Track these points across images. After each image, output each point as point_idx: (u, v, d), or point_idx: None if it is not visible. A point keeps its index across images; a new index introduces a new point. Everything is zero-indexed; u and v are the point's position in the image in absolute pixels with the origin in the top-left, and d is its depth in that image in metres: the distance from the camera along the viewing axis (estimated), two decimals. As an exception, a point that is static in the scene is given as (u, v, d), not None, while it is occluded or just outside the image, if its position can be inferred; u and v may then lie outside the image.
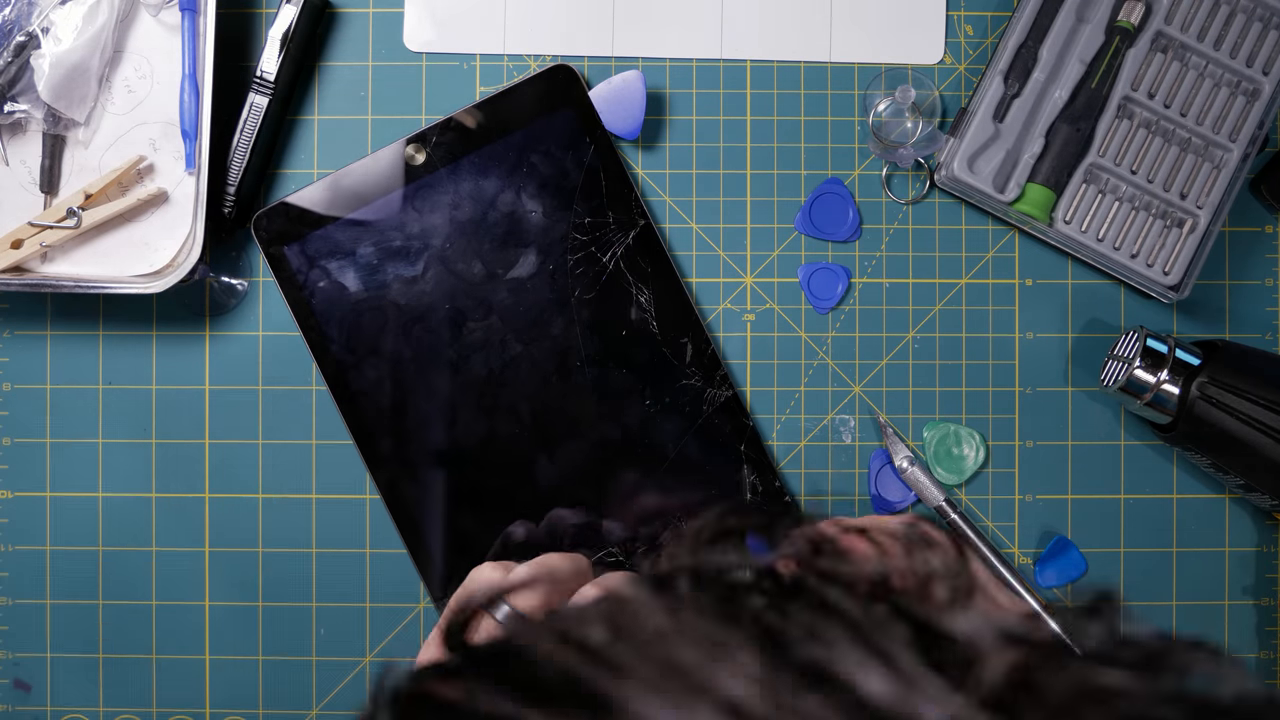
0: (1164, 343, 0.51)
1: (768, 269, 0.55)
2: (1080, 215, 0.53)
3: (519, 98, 0.53)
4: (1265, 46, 0.52)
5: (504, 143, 0.52)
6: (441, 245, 0.52)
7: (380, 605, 0.54)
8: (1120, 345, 0.52)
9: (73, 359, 0.54)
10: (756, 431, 0.53)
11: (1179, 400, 0.50)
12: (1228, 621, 0.54)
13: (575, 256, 0.52)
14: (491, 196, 0.52)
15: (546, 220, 0.53)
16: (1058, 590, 0.54)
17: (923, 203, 0.55)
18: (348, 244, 0.52)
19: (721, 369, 0.53)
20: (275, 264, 0.52)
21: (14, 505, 0.54)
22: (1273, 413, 0.49)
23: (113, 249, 0.53)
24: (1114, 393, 0.51)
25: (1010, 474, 0.55)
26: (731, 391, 0.53)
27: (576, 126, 0.53)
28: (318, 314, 0.52)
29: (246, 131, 0.52)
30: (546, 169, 0.53)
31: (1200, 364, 0.50)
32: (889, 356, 0.55)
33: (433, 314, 0.52)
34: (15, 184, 0.53)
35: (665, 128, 0.55)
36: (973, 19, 0.55)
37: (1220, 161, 0.52)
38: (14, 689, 0.54)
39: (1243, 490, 0.52)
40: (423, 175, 0.52)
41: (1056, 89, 0.52)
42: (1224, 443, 0.50)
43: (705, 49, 0.55)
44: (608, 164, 0.53)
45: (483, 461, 0.52)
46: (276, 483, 0.54)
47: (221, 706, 0.54)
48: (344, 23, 0.55)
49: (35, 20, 0.51)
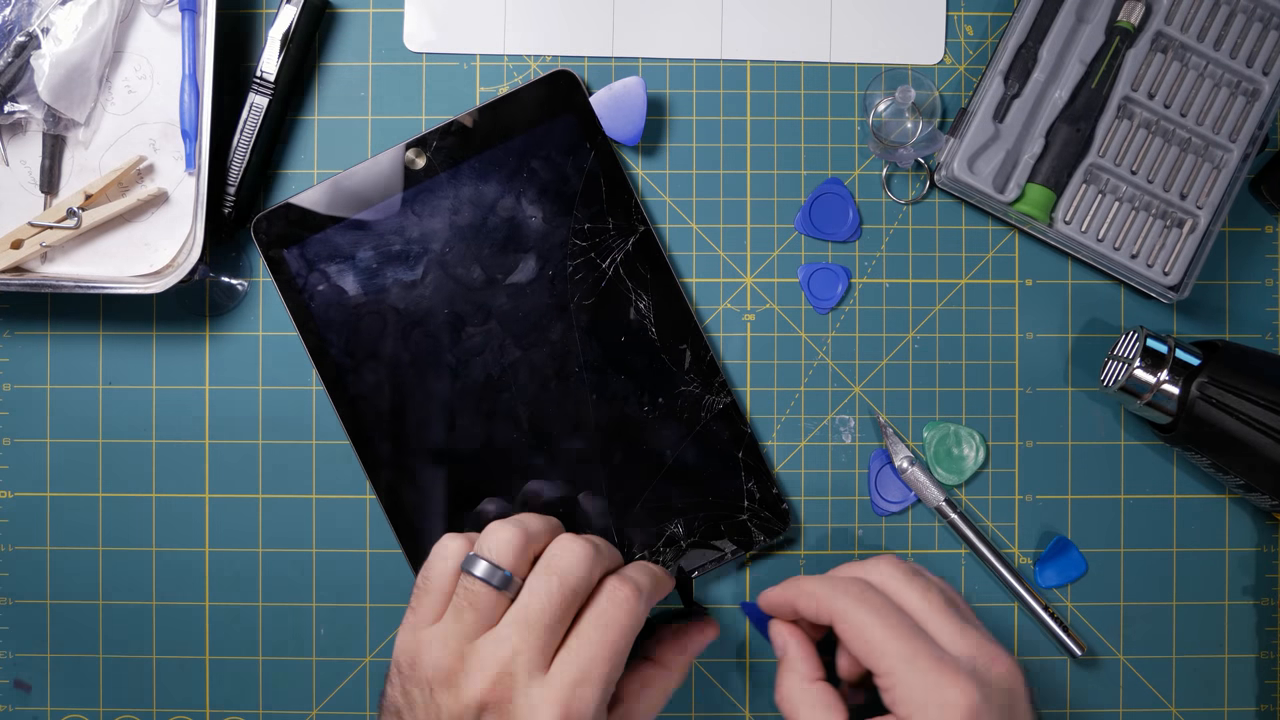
0: (1164, 343, 0.51)
1: (768, 269, 0.55)
2: (1080, 215, 0.53)
3: (520, 103, 0.53)
4: (1265, 46, 0.52)
5: (504, 148, 0.52)
6: (441, 250, 0.52)
7: (380, 605, 0.54)
8: (1120, 345, 0.52)
9: (73, 359, 0.54)
10: (754, 438, 0.53)
11: (1179, 400, 0.50)
12: (1228, 621, 0.54)
13: (575, 262, 0.52)
14: (491, 201, 0.52)
15: (546, 226, 0.52)
16: (1058, 590, 0.54)
17: (923, 203, 0.55)
18: (347, 248, 0.52)
19: (720, 376, 0.53)
20: (275, 267, 0.52)
21: (14, 505, 0.54)
22: (1273, 413, 0.49)
23: (113, 249, 0.53)
24: (1114, 393, 0.51)
25: (1010, 474, 0.55)
26: (730, 398, 0.53)
27: (577, 132, 0.53)
28: (317, 317, 0.52)
29: (246, 132, 0.52)
30: (547, 174, 0.52)
31: (1200, 364, 0.50)
32: (889, 356, 0.55)
33: (432, 318, 0.52)
34: (15, 184, 0.53)
35: (665, 128, 0.55)
36: (973, 19, 0.55)
37: (1220, 161, 0.52)
38: (14, 689, 0.54)
39: (1243, 490, 0.52)
40: (423, 180, 0.52)
41: (1056, 89, 0.52)
42: (1224, 443, 0.50)
43: (705, 49, 0.55)
44: (608, 170, 0.53)
45: (481, 466, 0.52)
46: (276, 483, 0.54)
47: (221, 706, 0.54)
48: (344, 23, 0.55)
49: (35, 20, 0.51)
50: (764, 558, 0.54)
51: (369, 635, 0.54)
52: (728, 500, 0.53)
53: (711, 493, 0.53)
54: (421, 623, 0.44)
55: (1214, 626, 0.54)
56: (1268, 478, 0.50)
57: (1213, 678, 0.54)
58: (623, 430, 0.52)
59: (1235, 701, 0.54)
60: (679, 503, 0.52)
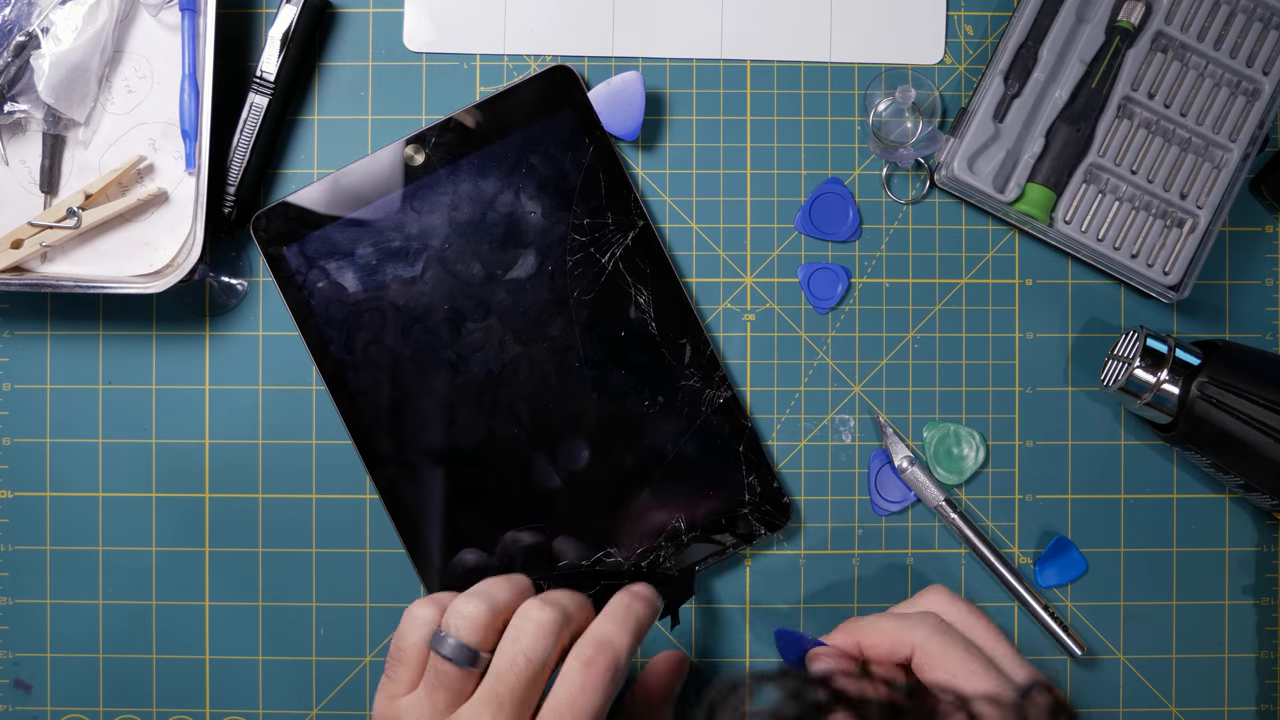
0: (1164, 343, 0.51)
1: (768, 269, 0.55)
2: (1080, 215, 0.53)
3: (518, 98, 0.53)
4: (1265, 46, 0.52)
5: (503, 143, 0.52)
6: (440, 246, 0.52)
7: (380, 605, 0.54)
8: (1120, 345, 0.52)
9: (73, 359, 0.54)
10: (755, 432, 0.53)
11: (1179, 400, 0.50)
12: (1228, 621, 0.54)
13: (574, 257, 0.52)
14: (490, 197, 0.52)
15: (545, 221, 0.53)
16: (1058, 590, 0.54)
17: (923, 203, 0.55)
18: (347, 244, 0.52)
19: (720, 370, 0.53)
20: (274, 264, 0.52)
21: (14, 505, 0.54)
22: (1273, 412, 0.49)
23: (113, 249, 0.53)
24: (1114, 393, 0.51)
25: (1010, 474, 0.55)
26: (730, 393, 0.53)
27: (576, 127, 0.53)
28: (316, 315, 0.52)
29: (246, 131, 0.52)
30: (545, 170, 0.52)
31: (1200, 364, 0.50)
32: (889, 356, 0.55)
33: (431, 315, 0.52)
34: (15, 184, 0.53)
35: (665, 128, 0.55)
36: (973, 19, 0.55)
37: (1220, 161, 0.52)
38: (14, 689, 0.54)
39: (1243, 490, 0.52)
40: (422, 176, 0.52)
41: (1056, 89, 0.52)
42: (1224, 443, 0.50)
43: (705, 49, 0.55)
44: (607, 165, 0.53)
45: (481, 462, 0.52)
46: (276, 483, 0.54)
47: (221, 706, 0.54)
48: (344, 23, 0.55)
49: (35, 20, 0.51)
50: (765, 559, 0.54)
51: (369, 635, 0.54)
52: (729, 494, 0.53)
53: (712, 486, 0.53)
54: (398, 691, 0.45)
55: (1214, 626, 0.54)
56: (1268, 477, 0.50)
57: (1213, 678, 0.54)
58: (623, 425, 0.52)
59: (1235, 701, 0.54)
60: (680, 497, 0.52)
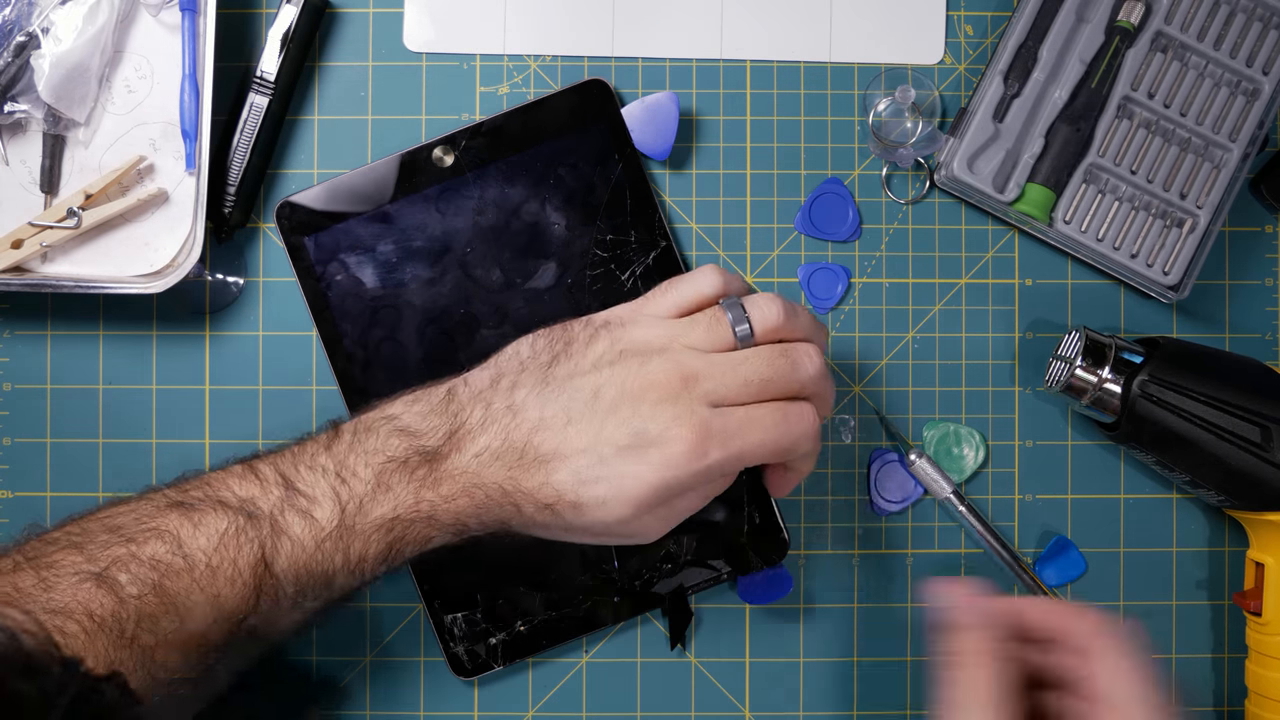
0: (1106, 341, 0.50)
1: (768, 269, 0.55)
2: (1080, 215, 0.53)
3: (552, 109, 0.53)
4: (1265, 46, 0.52)
5: (533, 152, 0.52)
6: (462, 249, 0.52)
7: (380, 605, 0.54)
8: (1063, 345, 0.52)
9: (73, 359, 0.54)
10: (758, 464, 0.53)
11: (1121, 399, 0.50)
12: (1228, 621, 0.54)
13: (594, 272, 0.52)
14: (516, 205, 0.52)
15: (569, 234, 0.52)
16: (1058, 590, 0.54)
17: (923, 203, 0.55)
18: (369, 240, 0.52)
19: None
20: (294, 254, 0.52)
21: (14, 505, 0.54)
22: (1212, 408, 0.49)
23: (113, 249, 0.53)
24: (1057, 393, 0.51)
25: (1010, 474, 0.55)
26: None
27: (607, 143, 0.53)
28: (333, 307, 0.52)
29: (246, 131, 0.52)
30: (573, 182, 0.52)
31: (1141, 362, 0.50)
32: (889, 356, 0.55)
33: (448, 317, 0.52)
34: (15, 184, 0.53)
35: (665, 128, 0.55)
36: (973, 19, 0.55)
37: (1220, 161, 0.52)
38: (14, 689, 0.54)
39: (1189, 487, 0.52)
40: (449, 178, 0.52)
41: (1056, 89, 0.52)
42: (1166, 440, 0.50)
43: (705, 49, 0.55)
44: (634, 183, 0.53)
45: None
46: (276, 483, 0.54)
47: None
48: (344, 23, 0.55)
49: (35, 20, 0.51)
50: (764, 557, 0.54)
51: (369, 635, 0.54)
52: (728, 523, 0.53)
53: (714, 513, 0.53)
54: (650, 309, 0.45)
55: (1214, 626, 0.54)
56: (1211, 474, 0.50)
57: (1213, 677, 0.54)
58: None
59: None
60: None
